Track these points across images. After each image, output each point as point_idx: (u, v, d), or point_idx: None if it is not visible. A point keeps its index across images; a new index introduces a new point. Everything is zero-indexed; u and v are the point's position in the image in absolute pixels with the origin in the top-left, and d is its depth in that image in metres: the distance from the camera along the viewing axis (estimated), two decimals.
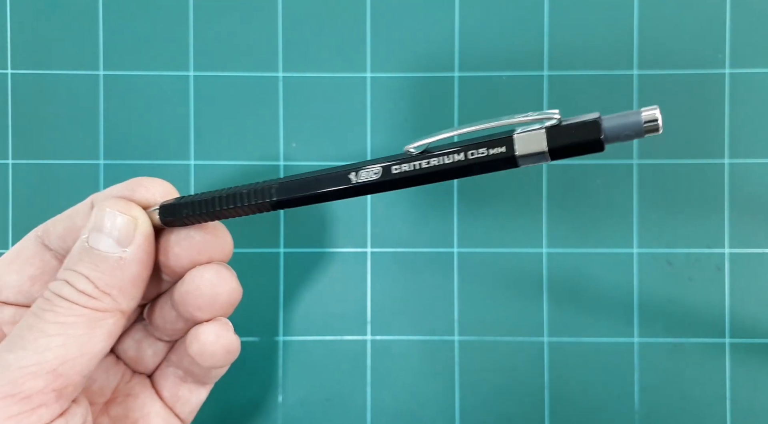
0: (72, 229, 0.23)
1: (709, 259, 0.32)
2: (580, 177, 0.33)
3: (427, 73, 0.33)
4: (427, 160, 0.21)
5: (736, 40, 0.32)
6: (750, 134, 0.32)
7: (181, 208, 0.22)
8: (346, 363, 0.33)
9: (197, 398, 0.26)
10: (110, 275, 0.21)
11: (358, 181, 0.21)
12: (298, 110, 0.33)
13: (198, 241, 0.23)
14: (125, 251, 0.22)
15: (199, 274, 0.23)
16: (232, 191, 0.22)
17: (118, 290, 0.22)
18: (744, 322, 0.32)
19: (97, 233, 0.22)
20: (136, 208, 0.22)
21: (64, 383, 0.20)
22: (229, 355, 0.24)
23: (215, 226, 0.24)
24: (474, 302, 0.33)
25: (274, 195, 0.22)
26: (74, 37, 0.33)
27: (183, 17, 0.33)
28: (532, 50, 0.33)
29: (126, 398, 0.25)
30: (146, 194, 0.23)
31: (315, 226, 0.33)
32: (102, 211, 0.22)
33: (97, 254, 0.22)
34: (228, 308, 0.24)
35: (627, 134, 0.20)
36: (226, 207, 0.22)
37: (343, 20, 0.33)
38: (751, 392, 0.32)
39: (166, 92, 0.33)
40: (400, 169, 0.21)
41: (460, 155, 0.21)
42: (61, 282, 0.21)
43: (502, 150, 0.20)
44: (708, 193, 0.32)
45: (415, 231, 0.33)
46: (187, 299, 0.23)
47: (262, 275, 0.33)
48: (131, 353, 0.26)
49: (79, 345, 0.21)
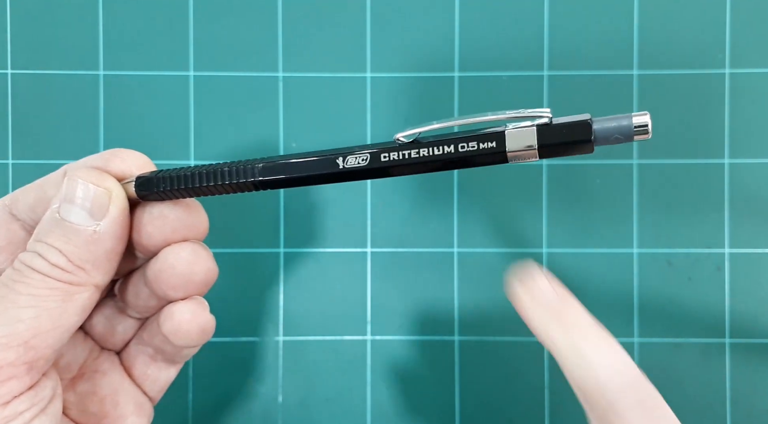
0: (43, 199, 0.22)
1: (709, 259, 0.32)
2: (580, 177, 0.33)
3: (427, 73, 0.33)
4: (417, 150, 0.21)
5: (736, 40, 0.32)
6: (750, 134, 0.32)
7: (158, 182, 0.22)
8: (346, 363, 0.33)
9: (167, 376, 0.26)
10: (84, 249, 0.21)
11: (346, 167, 0.21)
12: (298, 110, 0.33)
13: (172, 220, 0.22)
14: (99, 225, 0.21)
15: (174, 252, 0.22)
16: (213, 168, 0.21)
17: (92, 264, 0.21)
18: (744, 322, 0.32)
19: (68, 204, 0.21)
20: (110, 179, 0.22)
21: (36, 356, 0.20)
22: (203, 334, 0.23)
23: (190, 204, 0.23)
24: (474, 302, 0.33)
25: (258, 175, 0.21)
26: (74, 37, 0.33)
27: (183, 17, 0.33)
28: (532, 50, 0.33)
29: (93, 375, 0.25)
30: (121, 166, 0.22)
31: (315, 226, 0.33)
32: (74, 181, 0.21)
33: (69, 226, 0.21)
34: (203, 288, 0.23)
35: (617, 137, 0.20)
36: (206, 184, 0.21)
37: (343, 20, 0.33)
38: (751, 392, 0.32)
39: (166, 92, 0.33)
40: (388, 158, 0.21)
41: (450, 147, 0.20)
42: (33, 254, 0.21)
43: (493, 145, 0.20)
44: (708, 193, 0.32)
45: (415, 231, 0.33)
46: (161, 278, 0.22)
47: (262, 275, 0.33)
48: (100, 329, 0.25)
49: (52, 318, 0.20)
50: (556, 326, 0.23)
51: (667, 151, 0.32)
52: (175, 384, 0.32)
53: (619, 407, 0.21)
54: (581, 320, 0.23)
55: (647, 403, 0.21)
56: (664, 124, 0.32)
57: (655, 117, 0.32)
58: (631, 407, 0.21)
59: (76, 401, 0.24)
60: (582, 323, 0.23)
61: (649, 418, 0.21)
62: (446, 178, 0.33)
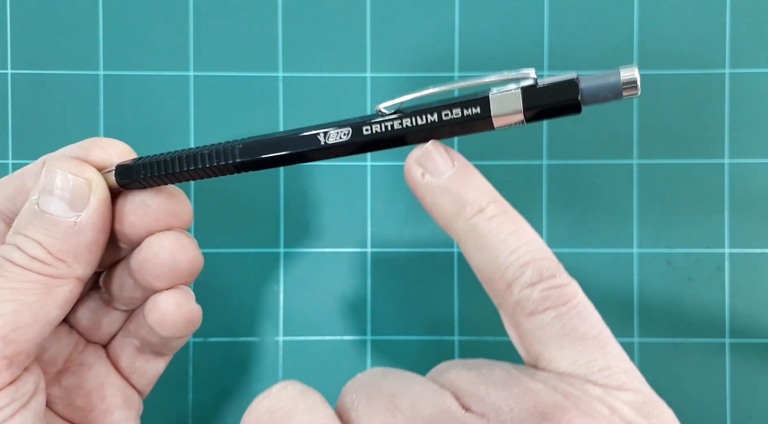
0: (21, 190, 0.22)
1: (709, 259, 0.32)
2: (580, 177, 0.33)
3: (427, 73, 0.33)
4: (399, 120, 0.20)
5: (736, 40, 0.32)
6: (750, 134, 0.32)
7: (138, 170, 0.21)
8: (346, 363, 0.33)
9: (155, 369, 0.26)
10: (64, 241, 0.20)
11: (328, 143, 0.20)
12: (298, 110, 0.33)
13: (154, 208, 0.22)
14: (79, 216, 0.21)
15: (157, 241, 0.22)
16: (193, 152, 0.21)
17: (73, 256, 0.21)
18: (744, 322, 0.32)
19: (47, 196, 0.21)
20: (90, 169, 0.21)
21: (16, 351, 0.20)
22: (189, 325, 0.23)
23: (173, 192, 0.22)
24: (474, 302, 0.33)
25: (238, 156, 0.21)
26: (74, 37, 0.33)
27: (183, 17, 0.33)
28: (532, 50, 0.33)
29: (79, 368, 0.24)
30: (102, 155, 0.22)
31: (315, 226, 0.33)
32: (52, 172, 0.21)
33: (48, 218, 0.20)
34: (189, 277, 0.23)
35: (605, 95, 0.19)
36: (186, 169, 0.21)
37: (343, 20, 0.33)
38: (751, 392, 0.32)
39: (166, 92, 0.33)
40: (371, 130, 0.20)
41: (433, 116, 0.20)
42: (11, 247, 0.20)
43: (477, 111, 0.20)
44: (708, 193, 0.32)
45: (415, 231, 0.33)
46: (145, 267, 0.22)
47: (262, 275, 0.33)
48: (85, 322, 0.25)
49: (32, 312, 0.20)
50: (450, 204, 0.21)
51: (667, 151, 0.32)
52: (175, 384, 0.33)
53: (515, 287, 0.20)
54: (481, 197, 0.20)
55: (550, 282, 0.20)
56: (664, 124, 0.32)
57: (655, 117, 0.32)
58: (527, 285, 0.20)
59: (61, 395, 0.24)
60: (481, 201, 0.20)
61: (547, 297, 0.20)
62: None
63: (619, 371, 0.19)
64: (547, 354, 0.20)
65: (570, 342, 0.19)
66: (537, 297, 0.20)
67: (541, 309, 0.20)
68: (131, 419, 0.25)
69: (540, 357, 0.20)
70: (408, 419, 0.18)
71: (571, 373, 0.19)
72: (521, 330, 0.20)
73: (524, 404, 0.18)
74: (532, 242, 0.20)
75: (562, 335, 0.19)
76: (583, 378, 0.19)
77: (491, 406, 0.19)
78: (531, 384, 0.19)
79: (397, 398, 0.19)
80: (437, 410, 0.18)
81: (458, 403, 0.19)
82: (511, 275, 0.20)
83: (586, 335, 0.19)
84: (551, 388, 0.19)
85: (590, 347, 0.19)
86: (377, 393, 0.20)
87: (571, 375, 0.19)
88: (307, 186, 0.33)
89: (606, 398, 0.19)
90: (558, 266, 0.20)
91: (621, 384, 0.19)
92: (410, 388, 0.20)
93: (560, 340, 0.19)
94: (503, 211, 0.21)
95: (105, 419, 0.24)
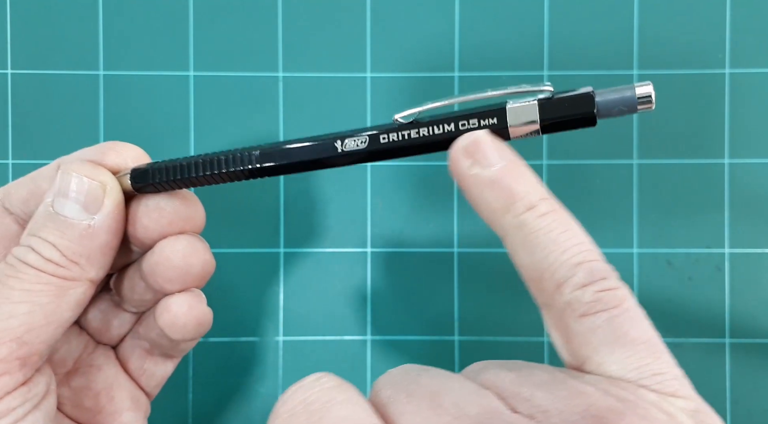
0: (36, 192, 0.22)
1: (709, 259, 0.32)
2: (580, 177, 0.33)
3: (427, 73, 0.33)
4: (416, 130, 0.20)
5: (736, 40, 0.32)
6: (750, 134, 0.32)
7: (153, 174, 0.21)
8: (346, 363, 0.33)
9: (163, 371, 0.26)
10: (78, 244, 0.21)
11: (345, 150, 0.21)
12: (298, 110, 0.33)
13: (168, 212, 0.22)
14: (93, 219, 0.21)
15: (169, 245, 0.22)
16: (209, 157, 0.21)
17: (87, 258, 0.21)
18: (744, 322, 0.32)
19: (62, 198, 0.21)
20: (105, 172, 0.21)
21: (29, 352, 0.20)
22: (200, 327, 0.23)
23: (187, 196, 0.23)
24: (474, 302, 0.33)
25: (256, 162, 0.21)
26: (74, 37, 0.33)
27: (183, 17, 0.33)
28: (532, 50, 0.33)
29: (89, 369, 0.24)
30: (117, 159, 0.22)
31: (315, 226, 0.33)
32: (68, 174, 0.21)
33: (63, 221, 0.21)
34: (200, 281, 0.23)
35: (620, 109, 0.19)
36: (202, 174, 0.21)
37: (343, 20, 0.33)
38: (751, 392, 0.32)
39: (166, 92, 0.33)
40: (387, 139, 0.20)
41: (450, 126, 0.20)
42: (26, 248, 0.21)
43: (494, 121, 0.20)
44: (708, 193, 0.32)
45: (415, 231, 0.33)
46: (157, 271, 0.22)
47: (262, 275, 0.33)
48: (95, 324, 0.25)
49: (46, 314, 0.20)
50: (498, 198, 0.20)
51: (667, 151, 0.32)
52: (175, 384, 0.33)
53: (566, 288, 0.19)
54: (532, 193, 0.20)
55: (602, 284, 0.19)
56: (664, 124, 0.32)
57: (655, 117, 0.32)
58: (579, 286, 0.19)
59: (70, 396, 0.24)
60: (532, 197, 0.20)
61: (598, 301, 0.19)
62: (446, 178, 0.33)
63: (671, 377, 0.19)
64: (597, 358, 0.19)
65: (621, 346, 0.19)
66: (589, 299, 0.19)
67: (592, 311, 0.19)
68: (139, 421, 0.25)
69: (588, 360, 0.19)
70: (453, 418, 0.17)
71: (622, 377, 0.19)
72: (569, 332, 0.19)
73: (575, 407, 0.17)
74: (584, 242, 0.20)
75: (613, 339, 0.19)
76: (635, 383, 0.18)
77: (538, 408, 0.18)
78: (580, 387, 0.18)
79: (439, 396, 0.18)
80: (483, 410, 0.18)
81: (504, 404, 0.18)
82: (562, 275, 0.19)
83: (637, 339, 0.19)
84: (603, 391, 0.18)
85: (641, 352, 0.19)
86: (417, 390, 0.19)
87: (622, 379, 0.18)
88: (307, 186, 0.33)
89: (662, 403, 0.18)
90: (609, 268, 0.20)
91: (674, 391, 0.18)
92: (451, 386, 0.19)
93: (611, 343, 0.19)
94: (555, 209, 0.20)
95: (113, 421, 0.24)
